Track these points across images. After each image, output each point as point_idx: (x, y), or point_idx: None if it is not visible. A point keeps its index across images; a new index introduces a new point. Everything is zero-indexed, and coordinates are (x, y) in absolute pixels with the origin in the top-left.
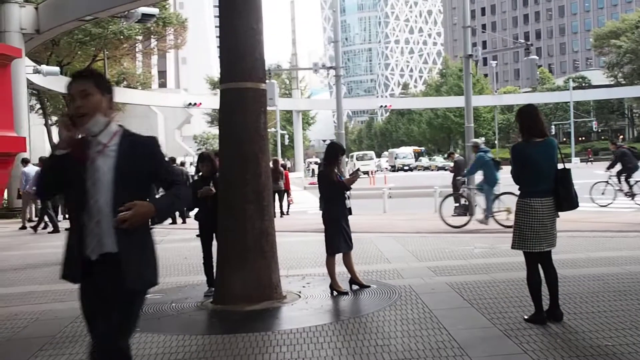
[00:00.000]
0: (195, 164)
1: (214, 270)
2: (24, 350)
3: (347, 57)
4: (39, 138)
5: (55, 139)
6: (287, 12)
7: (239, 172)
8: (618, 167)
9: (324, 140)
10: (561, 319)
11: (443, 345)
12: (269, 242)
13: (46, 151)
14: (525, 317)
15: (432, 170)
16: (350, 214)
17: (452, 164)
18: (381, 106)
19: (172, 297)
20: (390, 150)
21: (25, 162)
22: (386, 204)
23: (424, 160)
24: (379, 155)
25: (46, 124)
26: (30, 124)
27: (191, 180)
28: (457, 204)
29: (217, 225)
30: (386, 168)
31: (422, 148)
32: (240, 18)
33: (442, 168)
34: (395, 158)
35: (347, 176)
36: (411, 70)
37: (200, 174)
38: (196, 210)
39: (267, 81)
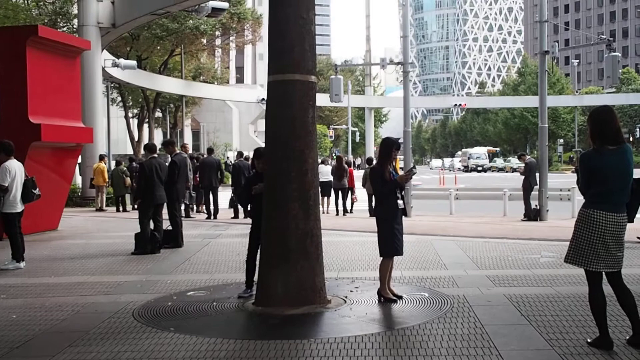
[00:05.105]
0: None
1: (257, 270)
2: (55, 344)
3: (424, 54)
4: (121, 130)
5: (134, 131)
6: (363, 9)
7: (284, 169)
8: None
9: (398, 139)
10: None
11: None
12: (314, 243)
13: (127, 143)
14: (589, 340)
15: (507, 171)
16: (405, 215)
17: (523, 166)
18: (455, 105)
19: (215, 296)
20: (463, 150)
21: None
22: (453, 206)
23: (499, 161)
24: (452, 155)
25: (126, 117)
26: (111, 116)
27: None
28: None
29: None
30: (459, 168)
31: (497, 149)
32: (290, 6)
33: (517, 170)
34: (469, 158)
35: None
36: (489, 69)
37: (255, 170)
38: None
39: (333, 76)
